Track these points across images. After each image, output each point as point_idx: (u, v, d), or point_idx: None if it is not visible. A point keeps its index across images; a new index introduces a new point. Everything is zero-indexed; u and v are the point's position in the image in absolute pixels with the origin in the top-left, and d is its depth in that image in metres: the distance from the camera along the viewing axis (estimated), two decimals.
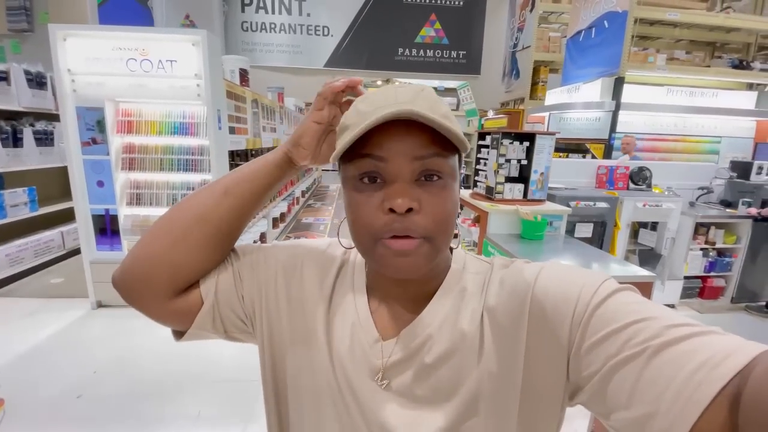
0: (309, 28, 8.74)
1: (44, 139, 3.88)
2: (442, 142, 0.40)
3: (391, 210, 0.40)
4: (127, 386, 2.14)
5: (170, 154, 2.78)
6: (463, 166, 0.47)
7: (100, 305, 2.97)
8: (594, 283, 0.38)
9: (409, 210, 0.40)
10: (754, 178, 3.32)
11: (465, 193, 3.13)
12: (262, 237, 4.15)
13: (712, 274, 3.26)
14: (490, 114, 5.49)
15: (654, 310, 0.35)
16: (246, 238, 3.61)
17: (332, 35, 8.83)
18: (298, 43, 8.80)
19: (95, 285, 2.91)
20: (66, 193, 4.38)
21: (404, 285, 0.48)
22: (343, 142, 0.40)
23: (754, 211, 3.07)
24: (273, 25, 8.69)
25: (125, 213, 2.86)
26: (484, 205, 2.76)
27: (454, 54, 9.21)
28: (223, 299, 0.51)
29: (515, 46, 7.35)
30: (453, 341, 0.44)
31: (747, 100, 5.08)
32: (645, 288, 2.01)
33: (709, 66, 5.05)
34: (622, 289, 0.38)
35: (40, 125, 3.88)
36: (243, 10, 8.61)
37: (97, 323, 2.80)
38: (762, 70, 4.73)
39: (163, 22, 7.84)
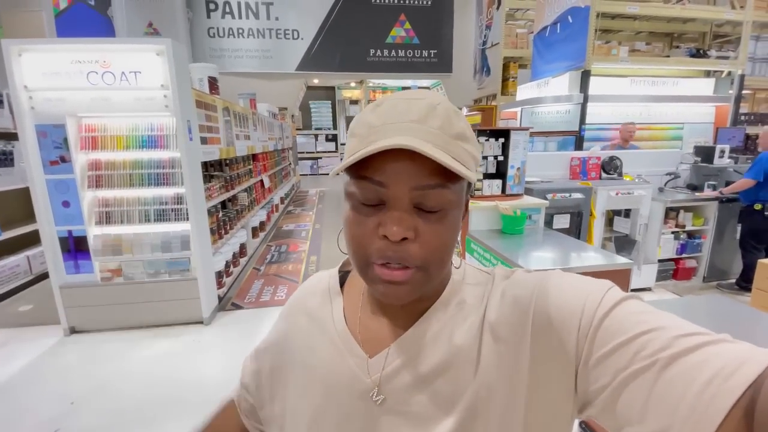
0: (278, 32, 8.62)
1: (3, 160, 3.68)
2: (446, 171, 0.38)
3: (386, 236, 0.39)
4: (107, 416, 2.05)
5: (140, 169, 2.67)
6: (473, 186, 0.46)
7: (73, 331, 2.84)
8: (598, 293, 0.38)
9: (404, 239, 0.39)
10: (717, 161, 3.48)
11: None
12: (242, 248, 4.07)
13: (684, 255, 3.40)
14: (464, 111, 5.55)
15: (661, 319, 0.34)
16: (225, 251, 3.52)
17: (302, 38, 8.74)
18: (268, 48, 8.66)
19: (67, 310, 2.77)
20: (29, 216, 4.17)
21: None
22: (343, 161, 0.39)
23: (713, 193, 3.22)
24: (241, 31, 8.53)
25: (95, 233, 2.74)
26: None
27: (425, 53, 9.28)
28: None
29: (484, 43, 7.47)
30: (448, 354, 0.43)
31: (706, 86, 5.31)
32: (623, 275, 2.07)
33: (668, 56, 5.26)
34: (627, 297, 0.38)
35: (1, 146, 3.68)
36: (209, 16, 8.42)
37: (71, 350, 2.66)
38: (718, 57, 4.96)
39: (125, 31, 7.57)
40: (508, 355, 0.41)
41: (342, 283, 0.55)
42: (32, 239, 3.90)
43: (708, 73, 5.26)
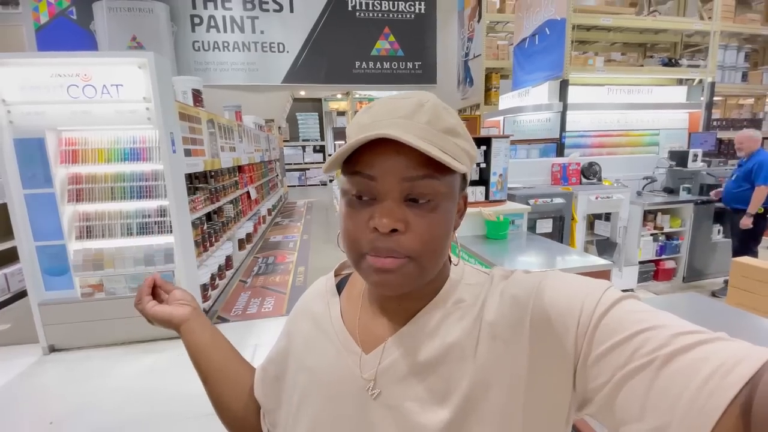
0: (264, 45, 8.67)
1: None
2: (435, 163, 0.39)
3: (376, 228, 0.40)
4: None
5: (122, 182, 2.65)
6: (468, 181, 0.47)
7: (52, 350, 2.76)
8: (596, 293, 0.38)
9: (395, 230, 0.39)
10: (690, 165, 3.61)
11: None
12: (228, 260, 4.03)
13: (663, 257, 3.49)
14: None
15: (659, 317, 0.34)
16: (211, 263, 3.48)
17: (288, 51, 8.81)
18: (254, 61, 8.71)
19: (46, 328, 2.69)
20: (5, 232, 4.07)
21: (398, 298, 0.48)
22: (332, 156, 0.40)
23: (748, 221, 3.06)
24: (226, 44, 8.56)
25: (75, 248, 2.69)
26: None
27: (409, 65, 9.44)
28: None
29: (467, 55, 7.65)
30: (442, 349, 0.43)
31: (679, 94, 5.52)
32: (603, 276, 2.12)
33: (642, 65, 5.46)
34: (625, 297, 0.38)
35: None
36: (193, 30, 8.44)
37: (50, 369, 2.59)
38: (689, 66, 5.16)
39: (108, 45, 7.53)
40: (505, 354, 0.41)
41: (343, 285, 0.56)
42: (9, 257, 3.80)
43: (680, 81, 5.47)
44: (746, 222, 3.05)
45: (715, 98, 5.65)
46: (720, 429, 0.27)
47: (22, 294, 3.79)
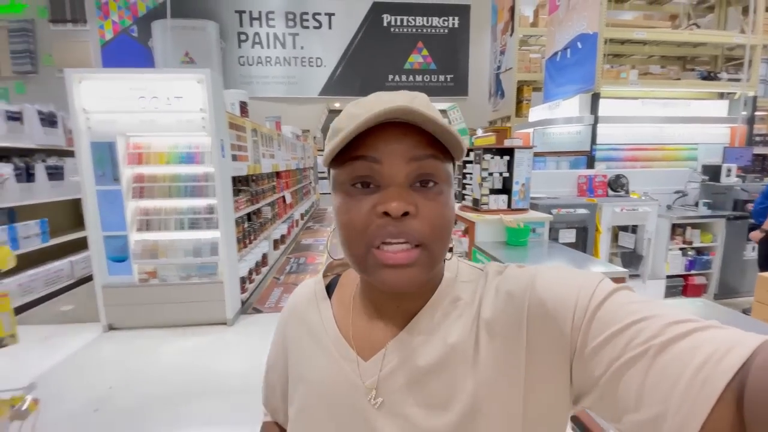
0: (303, 60, 9.19)
1: (55, 174, 4.10)
2: (437, 145, 0.40)
3: (386, 214, 0.38)
4: (140, 399, 2.27)
5: (178, 182, 2.99)
6: (456, 175, 0.50)
7: (111, 328, 3.11)
8: (590, 285, 0.38)
9: (405, 214, 0.38)
10: (724, 180, 3.54)
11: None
12: (264, 258, 4.32)
13: (692, 272, 3.43)
14: (479, 132, 5.77)
15: (653, 308, 0.35)
16: (249, 259, 3.78)
17: (325, 65, 9.28)
18: (293, 74, 9.22)
19: (107, 308, 3.05)
20: (75, 224, 4.58)
21: (398, 299, 0.46)
22: (333, 144, 0.38)
23: (758, 235, 3.03)
24: (269, 59, 9.14)
25: (135, 238, 3.04)
26: (471, 216, 2.95)
27: (441, 78, 9.65)
28: None
29: (499, 68, 7.76)
30: (443, 353, 0.43)
31: (720, 108, 5.36)
32: (619, 283, 2.17)
33: (679, 79, 5.36)
34: (619, 288, 0.38)
35: (52, 161, 4.11)
36: (240, 46, 9.08)
37: (109, 344, 2.93)
38: (729, 80, 5.04)
39: (163, 59, 8.25)
40: (504, 351, 0.41)
41: (332, 288, 0.55)
42: (76, 246, 4.28)
43: (722, 95, 5.32)
44: (754, 235, 3.04)
45: (760, 113, 5.45)
46: (715, 415, 0.28)
47: (83, 280, 4.25)
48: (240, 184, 3.80)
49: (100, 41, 9.17)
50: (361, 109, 0.40)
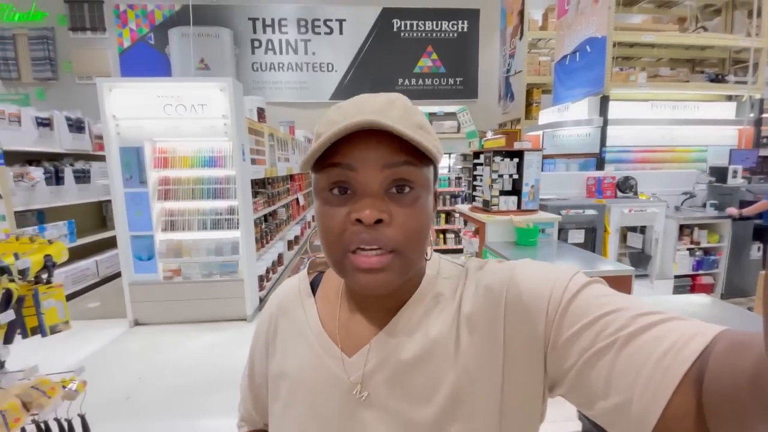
0: (314, 65, 9.37)
1: (82, 177, 4.31)
2: (413, 151, 0.40)
3: (360, 221, 0.39)
4: (169, 388, 2.42)
5: (201, 184, 3.15)
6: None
7: (137, 323, 3.28)
8: (564, 279, 0.40)
9: (379, 221, 0.39)
10: (730, 181, 3.59)
11: (464, 207, 3.44)
12: (280, 257, 4.47)
13: (700, 272, 3.48)
14: (489, 135, 5.86)
15: (622, 301, 0.36)
16: (266, 258, 3.93)
17: (336, 70, 9.44)
18: (305, 80, 9.41)
19: (133, 305, 3.22)
20: (100, 226, 4.78)
21: (380, 297, 0.47)
22: (308, 152, 0.40)
23: (734, 211, 3.30)
24: (281, 65, 9.33)
25: (160, 238, 3.21)
26: (481, 216, 3.05)
27: (451, 81, 9.74)
28: None
29: (508, 71, 7.84)
30: (425, 347, 0.44)
31: (728, 110, 5.38)
32: (626, 281, 2.24)
33: (688, 81, 5.40)
34: (592, 282, 0.40)
35: (79, 165, 4.32)
36: (253, 53, 9.30)
37: (136, 338, 3.09)
38: (737, 82, 5.06)
39: (180, 66, 8.49)
40: (484, 344, 0.43)
41: (316, 286, 0.55)
42: (101, 246, 4.47)
43: (730, 98, 5.34)
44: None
45: (763, 115, 5.45)
46: (676, 400, 0.29)
47: (108, 279, 4.44)
48: (257, 186, 3.95)
49: (118, 49, 9.45)
50: (341, 116, 0.41)
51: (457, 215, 5.60)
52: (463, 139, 7.62)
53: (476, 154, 3.38)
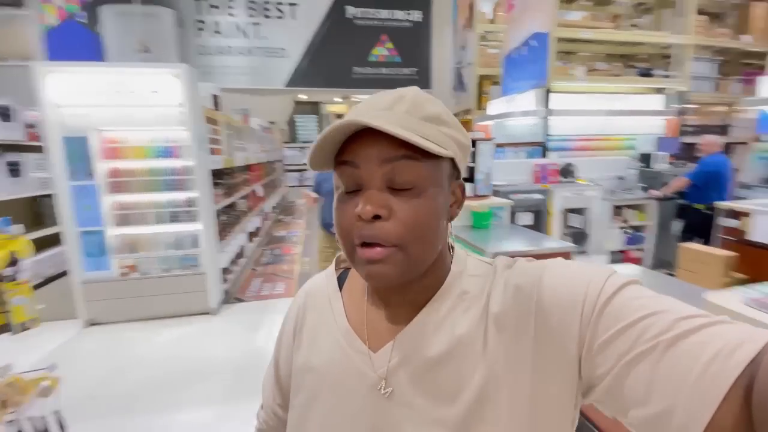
0: (267, 50, 9.07)
1: (14, 170, 3.94)
2: (414, 145, 0.39)
3: (360, 217, 0.40)
4: (135, 385, 2.37)
5: (156, 176, 3.03)
6: (460, 170, 0.47)
7: (92, 323, 3.12)
8: (599, 280, 0.38)
9: (378, 217, 0.40)
10: (656, 165, 4.06)
11: None
12: (241, 250, 4.40)
13: (631, 247, 3.93)
14: None
15: (662, 303, 0.35)
16: (228, 251, 3.86)
17: (290, 57, 9.21)
18: (257, 65, 9.08)
19: (87, 304, 3.06)
20: (35, 223, 4.41)
21: (402, 291, 0.47)
22: (311, 147, 0.41)
23: (655, 192, 3.76)
24: (230, 49, 8.93)
25: (114, 233, 3.06)
26: None
27: (406, 71, 9.86)
28: None
29: (460, 62, 8.10)
30: (450, 344, 0.44)
31: (657, 102, 6.00)
32: (566, 257, 2.52)
33: (621, 75, 5.93)
34: (628, 283, 0.38)
35: (10, 156, 3.93)
36: (199, 35, 8.81)
37: (94, 338, 2.96)
38: (663, 76, 5.64)
39: (116, 48, 7.84)
40: (512, 344, 0.41)
41: (343, 279, 0.56)
42: (38, 245, 4.12)
43: (659, 90, 5.94)
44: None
45: (692, 106, 6.13)
46: (722, 411, 0.28)
47: (50, 279, 4.13)
48: (215, 177, 3.85)
49: (44, 27, 8.54)
50: (353, 114, 0.42)
51: None
52: None
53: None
